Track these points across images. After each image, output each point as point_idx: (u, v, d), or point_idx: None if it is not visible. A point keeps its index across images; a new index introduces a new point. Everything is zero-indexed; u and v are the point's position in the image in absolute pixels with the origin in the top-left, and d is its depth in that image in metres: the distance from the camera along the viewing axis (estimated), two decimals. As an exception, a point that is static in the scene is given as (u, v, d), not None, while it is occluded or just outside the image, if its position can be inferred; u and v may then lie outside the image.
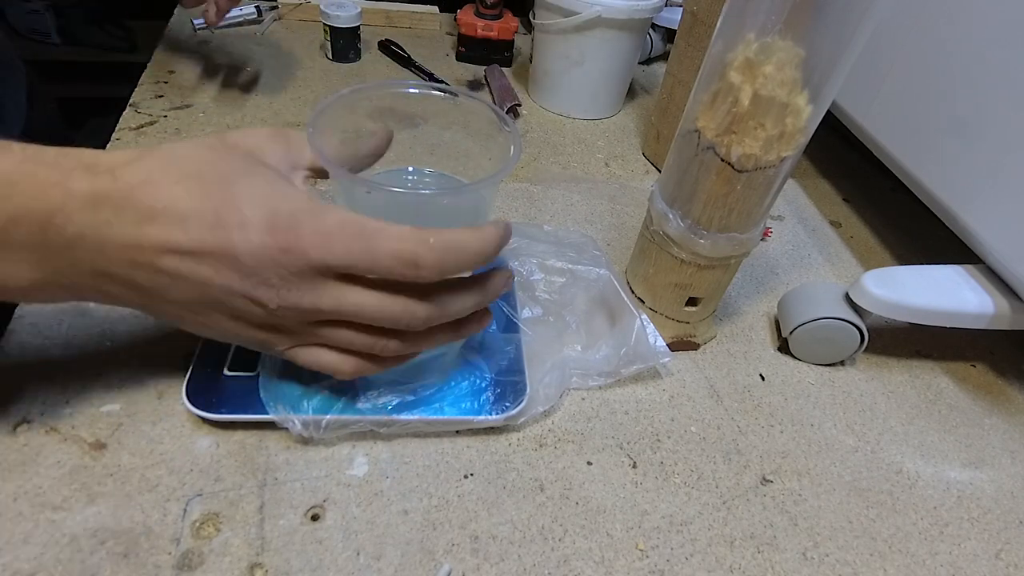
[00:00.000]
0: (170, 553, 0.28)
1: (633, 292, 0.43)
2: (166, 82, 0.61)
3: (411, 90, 0.33)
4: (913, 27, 0.48)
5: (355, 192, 0.29)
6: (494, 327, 0.38)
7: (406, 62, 0.73)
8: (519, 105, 0.67)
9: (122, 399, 0.33)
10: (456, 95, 0.33)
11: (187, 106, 0.58)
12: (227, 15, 0.58)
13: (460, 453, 0.34)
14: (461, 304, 0.28)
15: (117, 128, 0.53)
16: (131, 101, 0.57)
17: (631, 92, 0.75)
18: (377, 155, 0.32)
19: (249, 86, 0.64)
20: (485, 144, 0.33)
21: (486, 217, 0.33)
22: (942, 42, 0.46)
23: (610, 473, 0.35)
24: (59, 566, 0.27)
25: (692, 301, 0.41)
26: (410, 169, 0.36)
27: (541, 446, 0.36)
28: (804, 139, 0.33)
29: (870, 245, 0.59)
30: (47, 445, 0.31)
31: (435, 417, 0.33)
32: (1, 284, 0.24)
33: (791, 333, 0.43)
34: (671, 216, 0.37)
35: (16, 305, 0.37)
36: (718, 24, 0.33)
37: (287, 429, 0.32)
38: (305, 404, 0.32)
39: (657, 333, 0.39)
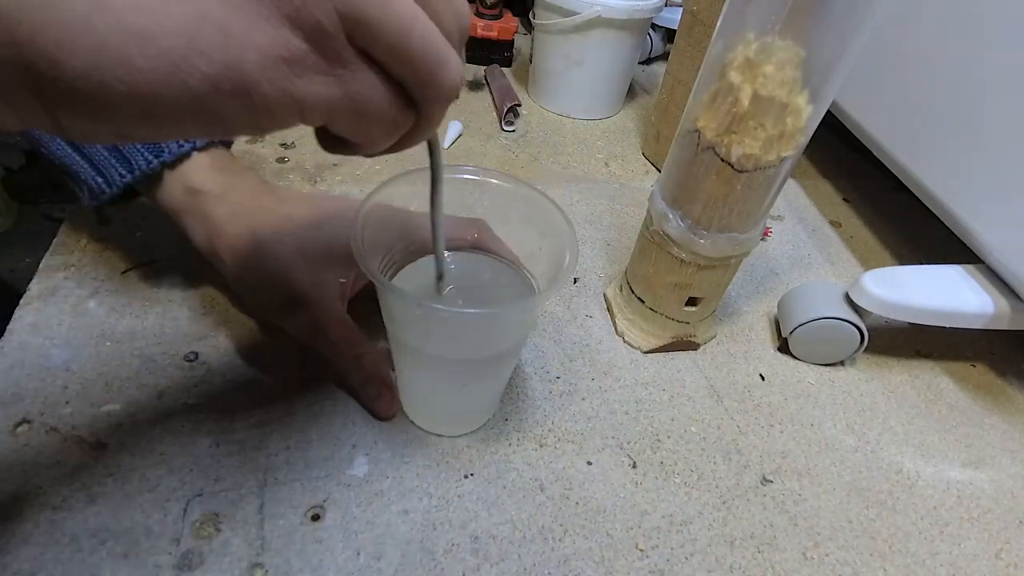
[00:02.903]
0: (170, 553, 0.28)
1: (633, 292, 0.43)
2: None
3: (465, 176, 0.32)
4: (913, 27, 0.48)
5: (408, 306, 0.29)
6: None
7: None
8: (519, 105, 0.67)
9: (122, 399, 0.33)
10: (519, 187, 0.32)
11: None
12: None
13: (460, 453, 0.34)
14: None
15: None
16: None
17: (631, 92, 0.75)
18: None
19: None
20: (538, 225, 0.32)
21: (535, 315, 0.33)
22: (942, 42, 0.46)
23: (610, 473, 0.35)
24: (59, 566, 0.27)
25: (692, 301, 0.41)
26: (462, 252, 0.35)
27: (541, 446, 0.36)
28: (804, 139, 0.33)
29: (870, 245, 0.59)
30: (47, 445, 0.31)
31: None
32: None
33: (791, 333, 0.43)
34: (671, 216, 0.37)
35: (15, 305, 0.37)
36: (718, 24, 0.33)
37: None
38: None
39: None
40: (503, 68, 0.76)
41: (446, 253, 0.34)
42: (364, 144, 0.18)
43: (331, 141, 0.19)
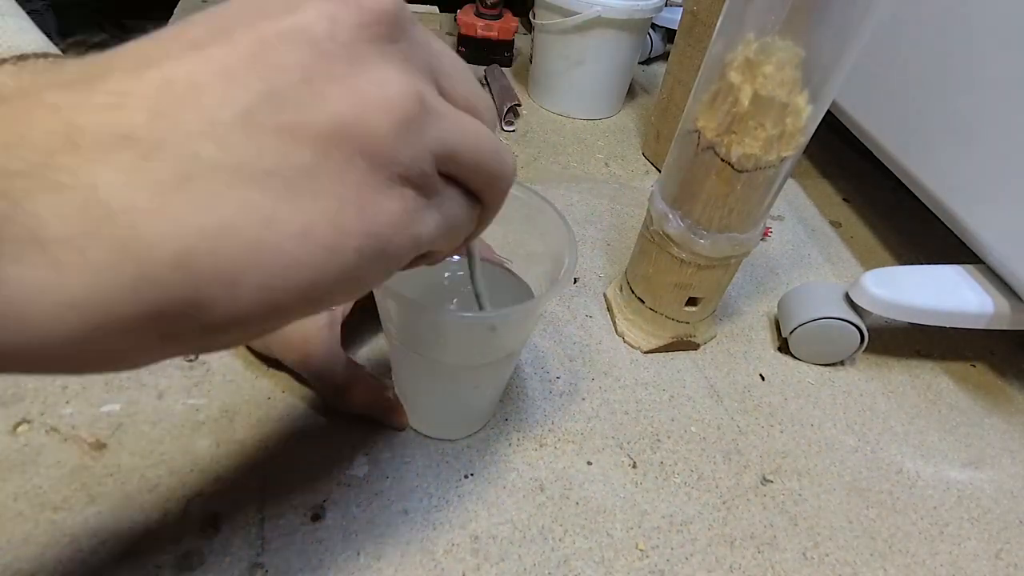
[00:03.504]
0: (170, 553, 0.28)
1: (633, 292, 0.43)
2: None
3: None
4: (913, 27, 0.48)
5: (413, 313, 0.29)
6: None
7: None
8: (519, 105, 0.67)
9: (122, 399, 0.33)
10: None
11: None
12: None
13: (460, 453, 0.34)
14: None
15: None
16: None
17: (631, 92, 0.75)
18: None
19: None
20: (537, 227, 0.32)
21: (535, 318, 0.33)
22: (942, 42, 0.46)
23: (610, 473, 0.35)
24: (59, 566, 0.27)
25: (692, 301, 0.41)
26: (455, 259, 0.34)
27: (541, 446, 0.36)
28: (804, 139, 0.33)
29: (870, 245, 0.59)
30: (47, 445, 0.31)
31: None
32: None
33: (791, 333, 0.43)
34: (671, 216, 0.37)
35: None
36: (718, 24, 0.33)
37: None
38: None
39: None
40: (503, 68, 0.76)
41: (451, 262, 0.34)
42: (442, 251, 0.20)
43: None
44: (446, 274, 0.34)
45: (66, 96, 0.11)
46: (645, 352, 0.43)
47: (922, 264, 0.44)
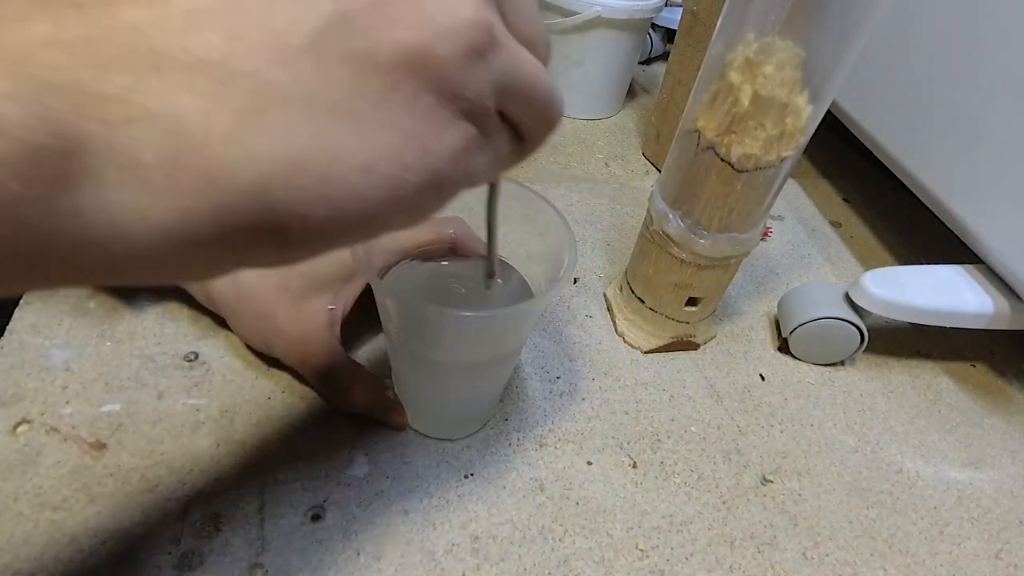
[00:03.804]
0: (170, 553, 0.28)
1: (633, 292, 0.43)
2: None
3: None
4: (913, 27, 0.48)
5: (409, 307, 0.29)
6: None
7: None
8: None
9: (122, 399, 0.33)
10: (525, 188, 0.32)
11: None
12: None
13: (460, 453, 0.34)
14: None
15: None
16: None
17: (631, 92, 0.75)
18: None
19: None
20: (536, 226, 0.32)
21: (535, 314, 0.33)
22: (942, 42, 0.46)
23: (610, 473, 0.35)
24: (59, 566, 0.27)
25: (692, 301, 0.41)
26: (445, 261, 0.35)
27: (541, 446, 0.36)
28: (804, 139, 0.33)
29: (870, 245, 0.59)
30: (47, 445, 0.31)
31: None
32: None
33: (791, 333, 0.43)
34: (671, 216, 0.37)
35: (16, 305, 0.37)
36: (718, 24, 0.33)
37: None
38: None
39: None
40: (503, 68, 0.76)
41: (444, 261, 0.34)
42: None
43: None
44: (445, 271, 0.34)
45: (144, 14, 0.11)
46: (645, 352, 0.43)
47: (922, 264, 0.44)
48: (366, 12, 0.13)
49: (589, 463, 0.35)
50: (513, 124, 0.17)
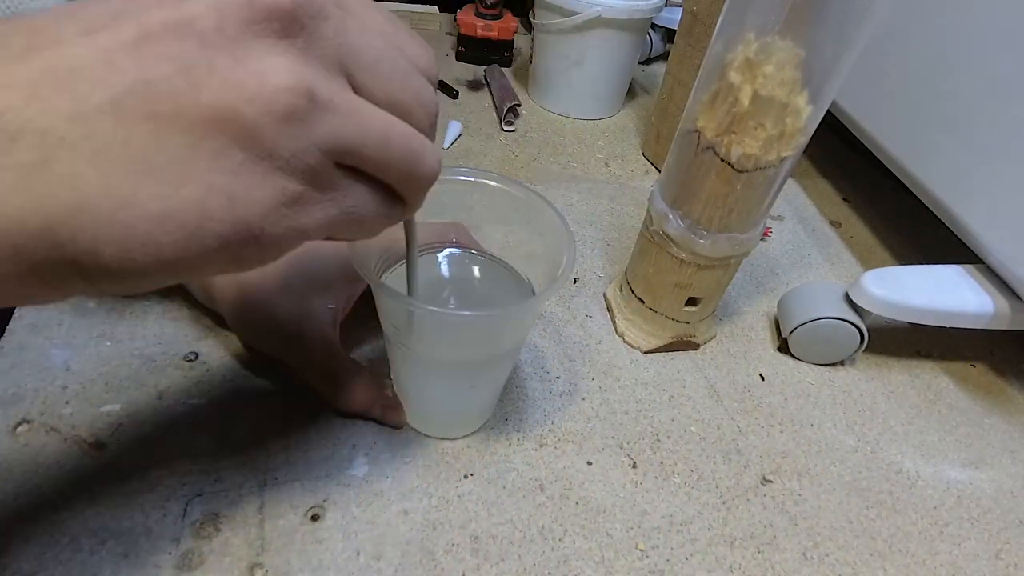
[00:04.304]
0: (170, 553, 0.28)
1: (633, 292, 0.43)
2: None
3: (461, 178, 0.32)
4: (913, 27, 0.48)
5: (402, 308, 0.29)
6: None
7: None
8: (519, 105, 0.66)
9: (122, 399, 0.33)
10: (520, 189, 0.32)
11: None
12: None
13: (460, 453, 0.34)
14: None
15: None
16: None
17: (631, 92, 0.75)
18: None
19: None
20: (536, 227, 0.32)
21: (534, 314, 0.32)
22: (942, 42, 0.46)
23: (610, 473, 0.35)
24: (59, 566, 0.27)
25: (692, 301, 0.41)
26: (456, 252, 0.35)
27: (541, 446, 0.36)
28: (804, 139, 0.33)
29: (870, 245, 0.59)
30: (47, 445, 0.31)
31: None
32: None
33: (791, 333, 0.43)
34: (671, 216, 0.37)
35: (15, 305, 0.37)
36: (718, 24, 0.33)
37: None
38: None
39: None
40: (503, 68, 0.76)
41: (444, 263, 0.34)
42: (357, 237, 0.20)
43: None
44: (445, 270, 0.34)
45: None
46: (645, 352, 0.43)
47: (922, 264, 0.44)
48: (171, 78, 0.14)
49: (589, 463, 0.35)
50: (378, 181, 0.18)
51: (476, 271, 0.34)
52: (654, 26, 0.80)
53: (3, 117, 0.13)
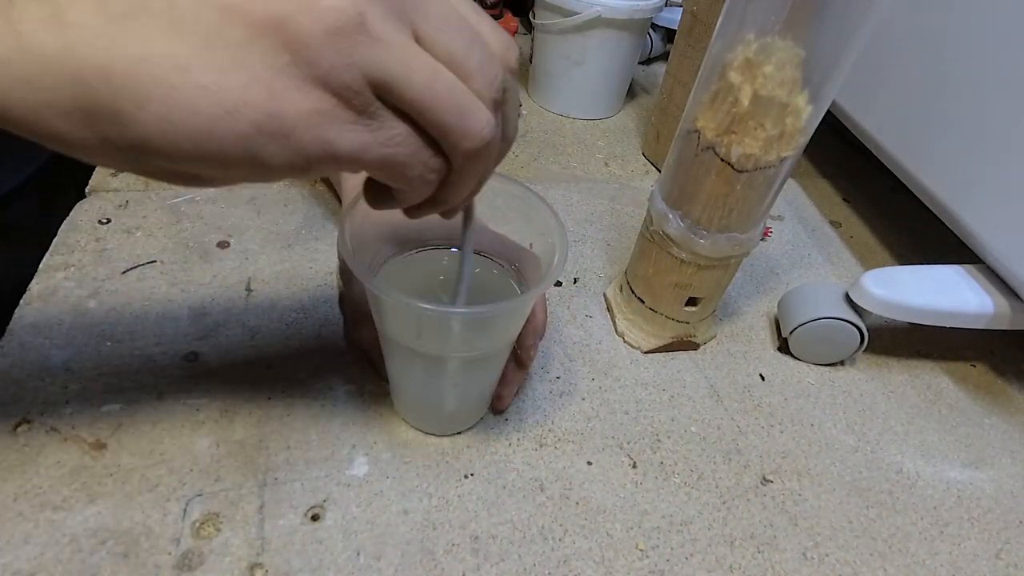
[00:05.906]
0: (170, 553, 0.28)
1: (633, 292, 0.43)
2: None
3: None
4: (913, 27, 0.48)
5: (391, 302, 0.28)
6: None
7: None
8: (519, 105, 0.66)
9: (122, 399, 0.33)
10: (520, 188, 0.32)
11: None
12: None
13: (460, 453, 0.34)
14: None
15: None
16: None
17: (631, 92, 0.75)
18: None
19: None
20: (533, 224, 0.32)
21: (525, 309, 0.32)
22: (942, 42, 0.46)
23: (610, 473, 0.35)
24: (59, 566, 0.27)
25: (692, 301, 0.41)
26: (453, 250, 0.34)
27: (541, 446, 0.36)
28: (804, 139, 0.33)
29: (870, 245, 0.59)
30: (47, 445, 0.31)
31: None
32: None
33: (791, 333, 0.43)
34: (671, 216, 0.37)
35: (16, 305, 0.37)
36: (718, 24, 0.33)
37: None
38: None
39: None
40: (503, 68, 0.76)
41: (444, 259, 0.34)
42: (403, 191, 0.21)
43: (376, 196, 0.22)
44: (438, 267, 0.34)
45: None
46: (645, 352, 0.43)
47: (922, 264, 0.44)
48: None
49: (589, 463, 0.35)
50: (422, 128, 0.18)
51: (476, 269, 0.34)
52: (654, 26, 0.80)
53: None
